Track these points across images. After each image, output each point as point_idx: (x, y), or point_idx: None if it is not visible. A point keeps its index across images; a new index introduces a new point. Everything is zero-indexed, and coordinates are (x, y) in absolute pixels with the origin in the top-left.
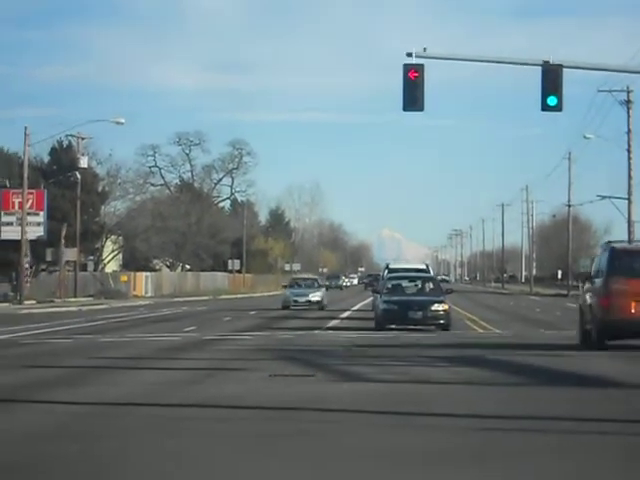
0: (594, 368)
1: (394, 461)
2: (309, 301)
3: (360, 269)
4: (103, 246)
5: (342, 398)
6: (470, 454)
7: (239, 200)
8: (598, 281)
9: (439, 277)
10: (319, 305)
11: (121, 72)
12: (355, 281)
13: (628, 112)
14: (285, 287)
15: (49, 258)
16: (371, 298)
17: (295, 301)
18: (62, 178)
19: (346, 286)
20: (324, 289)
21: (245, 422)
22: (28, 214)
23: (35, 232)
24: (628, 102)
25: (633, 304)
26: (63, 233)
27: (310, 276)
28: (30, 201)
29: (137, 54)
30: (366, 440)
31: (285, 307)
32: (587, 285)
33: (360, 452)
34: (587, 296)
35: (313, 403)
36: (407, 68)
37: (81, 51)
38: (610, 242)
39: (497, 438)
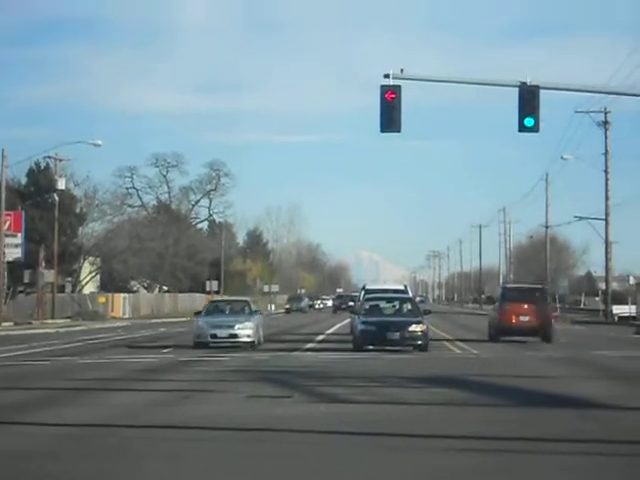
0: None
1: None
2: (233, 335)
3: (338, 290)
4: (81, 267)
5: (319, 419)
6: (448, 475)
7: (217, 221)
8: (496, 304)
9: (416, 298)
10: (250, 343)
11: (100, 93)
12: (330, 302)
13: (605, 133)
14: (198, 315)
15: (27, 280)
16: (338, 325)
17: (213, 336)
18: (40, 200)
19: (318, 308)
20: (259, 317)
21: (222, 443)
22: (6, 236)
23: (13, 254)
24: (605, 123)
25: (513, 317)
26: (42, 255)
27: (238, 298)
28: (8, 223)
29: (117, 75)
30: (343, 462)
31: (199, 345)
32: (491, 306)
33: (336, 474)
34: (492, 313)
35: (290, 424)
36: (384, 90)
37: (59, 71)
38: (504, 285)
39: (474, 458)
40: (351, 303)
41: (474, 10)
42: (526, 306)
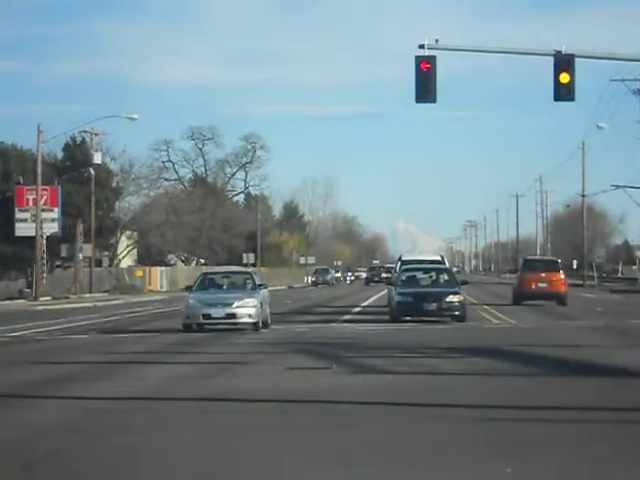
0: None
1: (409, 454)
2: (231, 315)
3: (374, 261)
4: (118, 242)
5: (359, 390)
6: (485, 444)
7: (253, 194)
8: (519, 273)
9: (453, 269)
10: (252, 324)
11: (136, 67)
12: (365, 275)
13: None
14: (189, 289)
15: (64, 254)
16: (373, 298)
17: (206, 316)
18: (76, 174)
19: (350, 281)
20: (263, 293)
21: (262, 415)
22: (42, 210)
23: (50, 228)
24: None
25: (533, 284)
26: (79, 229)
27: (239, 269)
28: (44, 197)
29: (151, 49)
30: (383, 431)
31: (189, 328)
32: (516, 275)
33: (377, 443)
34: (515, 280)
35: (330, 395)
36: (419, 60)
37: (92, 46)
38: (525, 257)
39: (512, 428)
40: (385, 275)
41: None
42: (544, 274)
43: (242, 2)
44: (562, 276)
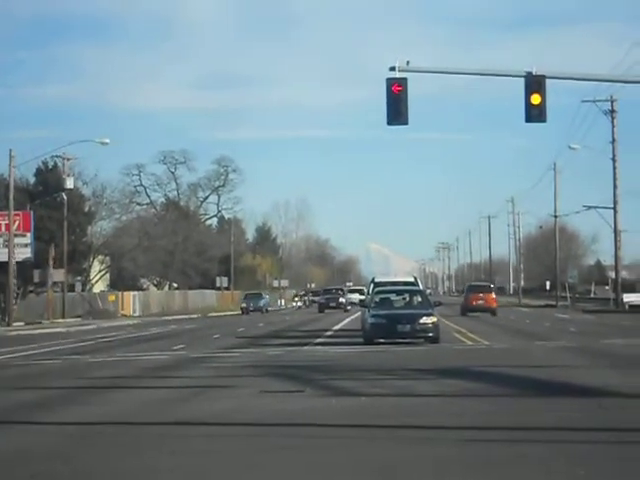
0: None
1: (386, 475)
2: None
3: (348, 283)
4: (90, 266)
5: (332, 413)
6: (461, 466)
7: (226, 217)
8: (465, 294)
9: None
10: None
11: (107, 92)
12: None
13: (612, 121)
14: None
15: (37, 279)
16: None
17: None
18: (48, 199)
19: (298, 307)
20: None
21: (237, 438)
22: (15, 236)
23: (22, 254)
24: (612, 111)
25: (474, 301)
26: (51, 254)
27: None
28: (17, 223)
29: (125, 74)
30: (357, 454)
31: None
32: (463, 295)
33: (352, 466)
34: (463, 298)
35: (304, 418)
36: (390, 82)
37: (67, 71)
38: (468, 283)
39: (486, 449)
40: (343, 300)
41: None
42: (481, 294)
43: (213, 27)
44: (493, 296)
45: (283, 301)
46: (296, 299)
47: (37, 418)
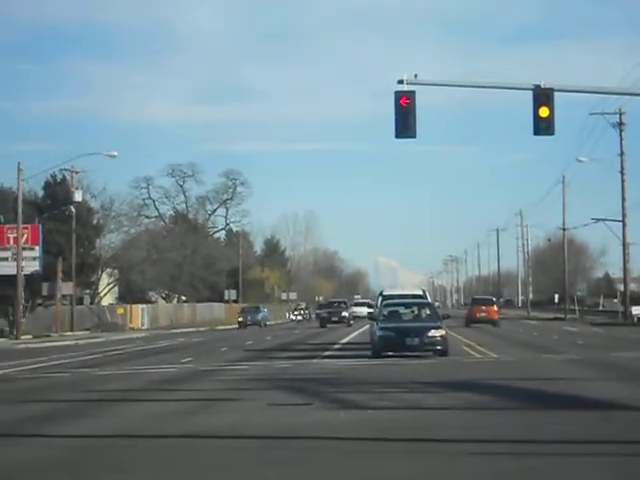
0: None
1: None
2: None
3: (356, 296)
4: (99, 279)
5: (340, 426)
6: (468, 478)
7: (234, 230)
8: (469, 306)
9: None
10: None
11: (116, 105)
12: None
13: (620, 134)
14: None
15: (45, 292)
16: None
17: None
18: (57, 212)
19: (298, 321)
20: None
21: (244, 451)
22: (23, 249)
23: (31, 267)
24: (620, 124)
25: (477, 313)
26: (60, 267)
27: None
28: (25, 236)
29: (132, 88)
30: (364, 467)
31: None
32: (467, 307)
33: (360, 478)
34: (468, 310)
35: (312, 431)
36: (398, 95)
37: (76, 85)
38: (472, 297)
39: (494, 462)
40: (346, 314)
41: (485, 12)
42: (484, 307)
43: (222, 39)
44: (495, 308)
45: (288, 314)
46: (295, 312)
47: (44, 431)
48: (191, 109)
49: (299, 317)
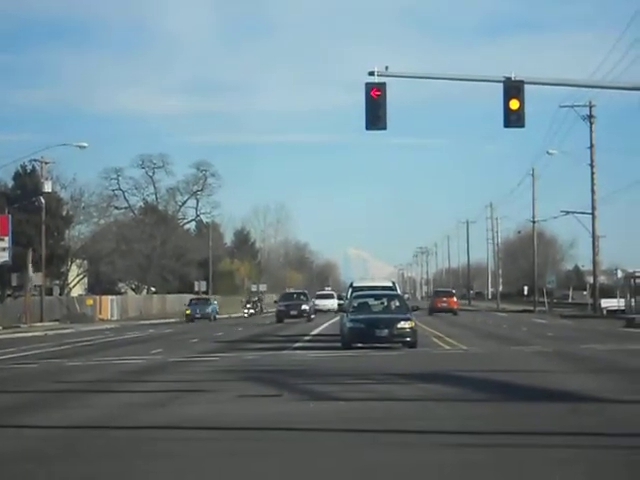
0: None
1: (362, 479)
2: None
3: (327, 288)
4: (68, 270)
5: (310, 417)
6: (438, 470)
7: (204, 222)
8: (432, 297)
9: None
10: None
11: (90, 97)
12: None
13: (591, 127)
14: None
15: (14, 283)
16: None
17: None
18: (26, 203)
19: (249, 315)
20: None
21: (214, 442)
22: None
23: (0, 257)
24: (590, 117)
25: (439, 303)
26: (30, 258)
27: None
28: None
29: (107, 79)
30: (335, 458)
31: None
32: (431, 298)
33: (330, 471)
34: (429, 301)
35: (281, 423)
36: (369, 87)
37: (48, 75)
38: (434, 289)
39: (463, 454)
40: (306, 307)
41: (455, 5)
42: (444, 298)
43: (193, 31)
44: (455, 299)
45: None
46: (248, 306)
47: (14, 422)
48: (162, 101)
49: (251, 311)
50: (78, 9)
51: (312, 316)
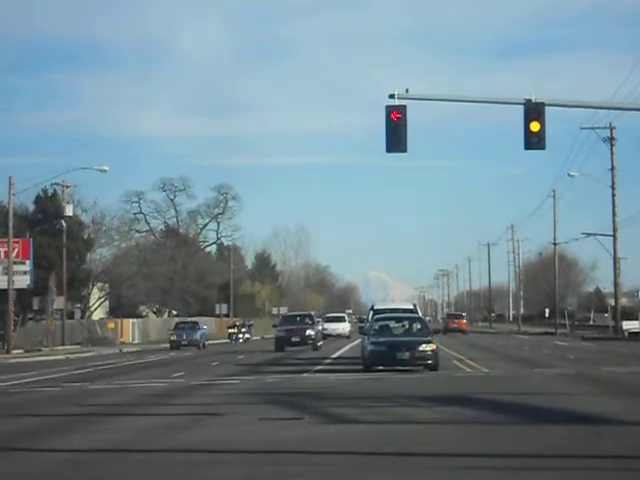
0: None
1: None
2: None
3: (347, 311)
4: (90, 293)
5: (331, 440)
6: None
7: (225, 245)
8: (444, 319)
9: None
10: None
11: (107, 119)
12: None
13: (611, 149)
14: None
15: (36, 307)
16: None
17: None
18: (47, 226)
19: (244, 341)
20: None
21: (235, 466)
22: (14, 263)
23: (22, 281)
24: (611, 139)
25: (451, 324)
26: (53, 281)
27: None
28: (16, 250)
29: (123, 101)
30: None
31: None
32: (444, 320)
33: None
34: (442, 322)
35: (302, 446)
36: (389, 110)
37: (65, 99)
38: (447, 312)
39: (485, 477)
40: (311, 332)
41: (475, 28)
42: (455, 320)
43: (212, 54)
44: (464, 321)
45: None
46: (243, 330)
47: (35, 445)
48: (182, 123)
49: (247, 336)
50: (92, 31)
51: (319, 343)
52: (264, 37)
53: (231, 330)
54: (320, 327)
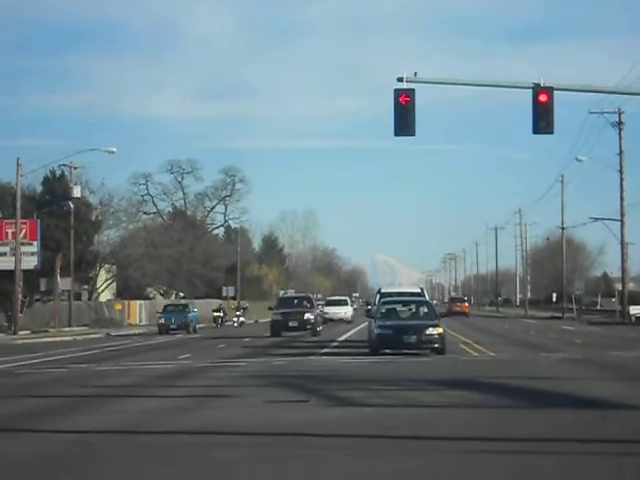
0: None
1: None
2: None
3: (354, 294)
4: (97, 275)
5: (337, 423)
6: (461, 477)
7: (232, 227)
8: (448, 302)
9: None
10: None
11: (117, 102)
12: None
13: (620, 133)
14: None
15: (43, 288)
16: None
17: None
18: (55, 208)
19: (240, 324)
20: None
21: (242, 448)
22: (22, 244)
23: (29, 262)
24: (620, 123)
25: (454, 307)
26: (58, 263)
27: None
28: (24, 231)
29: (134, 83)
30: (361, 465)
31: None
32: (447, 303)
33: (353, 477)
34: (446, 305)
35: (308, 428)
36: (398, 93)
37: (75, 80)
38: (450, 296)
39: (489, 460)
40: (310, 316)
41: (486, 12)
42: (458, 303)
43: (222, 37)
44: (466, 304)
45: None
46: (238, 313)
47: (41, 426)
48: (191, 106)
49: (242, 319)
50: (104, 13)
51: (319, 328)
52: (275, 21)
53: (216, 314)
54: (319, 310)
